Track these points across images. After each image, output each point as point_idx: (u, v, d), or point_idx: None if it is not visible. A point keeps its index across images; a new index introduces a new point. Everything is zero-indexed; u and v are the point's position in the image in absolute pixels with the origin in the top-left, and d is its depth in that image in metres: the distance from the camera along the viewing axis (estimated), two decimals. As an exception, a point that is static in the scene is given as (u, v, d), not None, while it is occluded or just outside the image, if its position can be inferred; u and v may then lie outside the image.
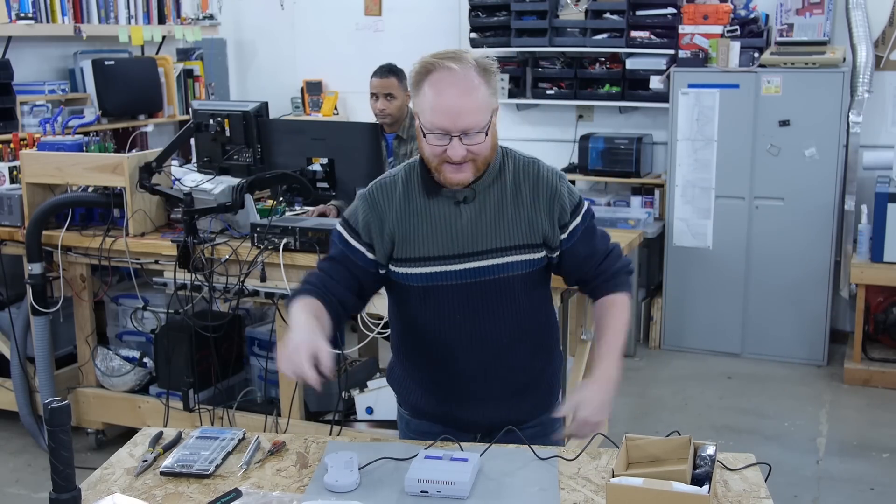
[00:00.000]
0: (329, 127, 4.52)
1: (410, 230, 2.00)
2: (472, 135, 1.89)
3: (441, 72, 1.89)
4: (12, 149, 4.26)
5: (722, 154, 5.02)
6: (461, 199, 1.99)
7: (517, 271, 2.01)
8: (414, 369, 2.16)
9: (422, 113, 1.92)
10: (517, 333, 2.07)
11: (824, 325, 4.99)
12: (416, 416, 2.19)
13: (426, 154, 1.95)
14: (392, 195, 2.03)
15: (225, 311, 3.66)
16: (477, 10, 5.64)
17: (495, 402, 2.09)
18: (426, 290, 2.02)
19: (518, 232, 2.00)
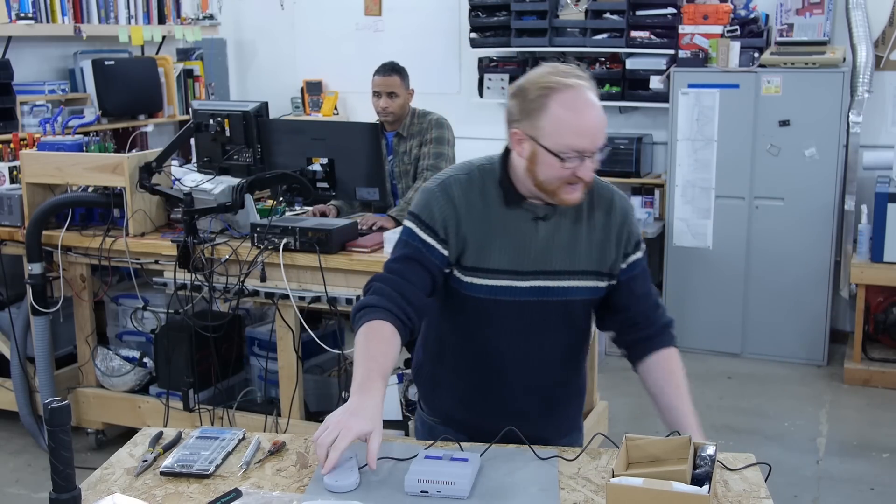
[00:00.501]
0: (329, 127, 4.52)
1: (484, 237, 1.93)
2: (598, 154, 1.86)
3: (570, 91, 1.83)
4: (12, 149, 4.26)
5: (722, 154, 5.02)
6: (541, 215, 1.93)
7: (582, 296, 1.98)
8: (452, 377, 2.09)
9: (548, 135, 1.82)
10: (564, 358, 2.06)
11: (824, 325, 4.99)
12: (443, 423, 2.13)
13: (545, 176, 1.85)
14: (469, 194, 1.95)
15: (225, 311, 3.66)
16: (477, 10, 5.64)
17: (525, 419, 2.02)
18: (488, 302, 1.96)
19: (589, 257, 1.96)
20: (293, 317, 3.44)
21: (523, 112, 1.86)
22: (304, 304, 3.37)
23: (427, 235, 1.95)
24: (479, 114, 5.81)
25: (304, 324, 3.42)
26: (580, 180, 1.85)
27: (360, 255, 3.31)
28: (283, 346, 3.50)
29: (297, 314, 3.43)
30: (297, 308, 3.40)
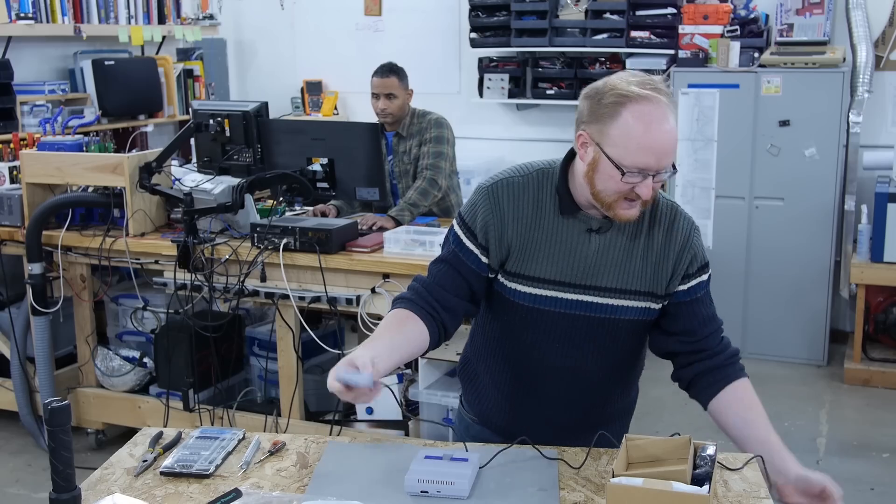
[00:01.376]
0: (329, 127, 4.51)
1: (532, 244, 1.88)
2: (662, 174, 1.77)
3: (646, 103, 1.73)
4: (12, 149, 4.26)
5: (722, 154, 5.02)
6: (595, 227, 1.86)
7: (630, 317, 1.90)
8: (493, 378, 2.07)
9: (616, 146, 1.74)
10: (610, 375, 2.00)
11: (824, 325, 4.99)
12: (482, 424, 2.12)
13: (604, 187, 1.77)
14: (520, 199, 1.89)
15: (225, 311, 3.66)
16: (477, 10, 5.64)
17: (571, 432, 1.97)
18: (531, 310, 1.91)
19: (643, 277, 1.88)
20: (293, 317, 3.44)
21: (593, 115, 1.80)
22: (304, 304, 3.37)
23: (468, 240, 1.92)
24: (479, 114, 5.81)
25: (304, 324, 3.42)
26: (639, 198, 1.78)
27: (360, 255, 3.31)
28: (283, 346, 3.50)
29: (297, 314, 3.43)
30: (297, 308, 3.40)
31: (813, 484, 1.76)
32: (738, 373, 1.94)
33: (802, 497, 1.77)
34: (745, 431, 1.90)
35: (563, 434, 1.98)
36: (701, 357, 1.94)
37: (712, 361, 1.94)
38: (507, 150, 5.70)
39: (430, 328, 1.91)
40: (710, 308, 1.95)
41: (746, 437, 1.89)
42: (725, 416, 1.91)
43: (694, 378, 1.95)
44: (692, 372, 1.95)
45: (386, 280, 3.22)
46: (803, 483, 1.77)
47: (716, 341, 1.95)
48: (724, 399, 1.91)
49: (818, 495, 1.76)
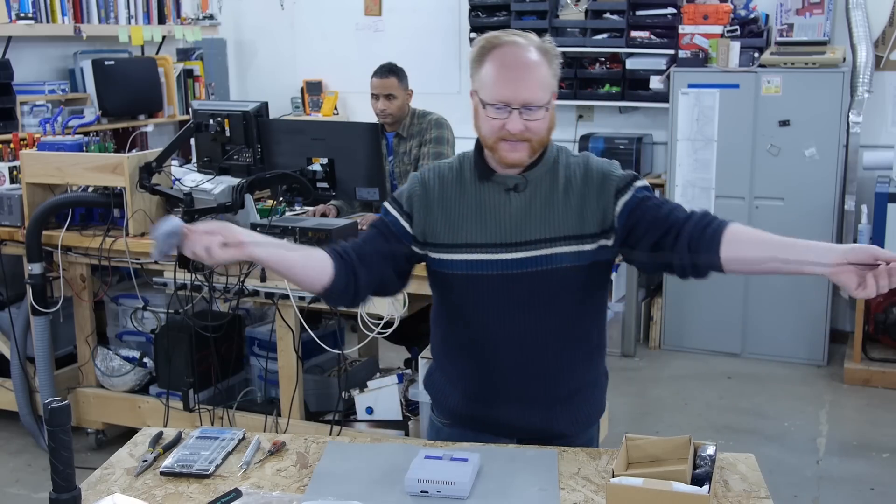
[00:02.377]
0: (329, 127, 4.51)
1: (459, 216, 1.96)
2: (532, 110, 1.86)
3: (505, 46, 1.88)
4: (12, 149, 4.26)
5: (722, 154, 5.02)
6: (511, 186, 1.94)
7: (566, 263, 1.92)
8: (453, 369, 2.09)
9: (483, 87, 1.89)
10: (563, 337, 1.99)
11: (824, 325, 4.99)
12: (453, 423, 2.12)
13: (483, 131, 1.91)
14: (444, 178, 2.01)
15: (225, 311, 3.66)
16: (477, 10, 5.64)
17: (534, 407, 2.01)
18: (469, 279, 1.95)
19: (568, 222, 1.92)
20: (293, 317, 3.44)
21: (472, 69, 1.94)
22: (304, 304, 3.37)
23: (393, 208, 2.02)
24: (479, 114, 5.80)
25: (304, 324, 3.42)
26: (511, 136, 1.86)
27: (360, 255, 3.30)
28: (283, 346, 3.50)
29: (297, 314, 3.43)
30: (297, 308, 3.40)
31: (861, 251, 1.67)
32: (725, 222, 1.85)
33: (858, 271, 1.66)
34: (767, 251, 1.81)
35: (530, 412, 2.01)
36: (680, 230, 1.85)
37: (693, 225, 1.85)
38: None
39: (336, 263, 1.91)
40: (664, 202, 1.93)
41: (771, 256, 1.81)
42: (742, 255, 1.82)
43: (689, 247, 1.83)
44: (682, 244, 1.84)
45: (386, 280, 3.22)
46: (852, 255, 1.67)
47: (683, 212, 1.89)
48: (729, 243, 1.82)
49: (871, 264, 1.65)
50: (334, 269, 1.90)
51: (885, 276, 1.64)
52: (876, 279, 1.64)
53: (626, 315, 5.17)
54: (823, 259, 1.72)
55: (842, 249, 1.69)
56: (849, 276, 1.67)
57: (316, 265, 1.90)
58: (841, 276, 1.68)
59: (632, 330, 5.20)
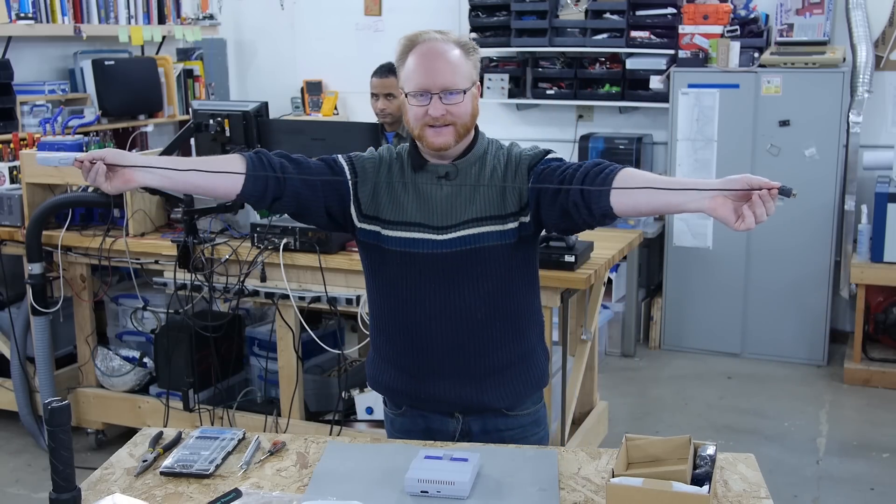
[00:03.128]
0: (329, 127, 4.52)
1: (399, 196, 2.08)
2: (452, 95, 1.99)
3: (424, 43, 2.02)
4: (12, 149, 4.26)
5: (722, 154, 5.02)
6: (442, 174, 2.06)
7: (490, 242, 2.03)
8: (389, 346, 2.17)
9: (406, 81, 2.03)
10: (493, 311, 2.08)
11: (824, 325, 4.99)
12: (395, 405, 2.21)
13: (410, 122, 2.04)
14: (393, 160, 2.13)
15: (225, 311, 3.66)
16: (477, 10, 5.64)
17: (468, 380, 2.09)
18: (403, 256, 2.06)
19: (490, 205, 2.04)
20: (293, 317, 3.44)
21: (398, 68, 2.07)
22: (304, 304, 3.37)
23: (345, 163, 2.12)
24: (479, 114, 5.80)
25: (304, 324, 3.42)
26: (434, 120, 1.99)
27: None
28: (283, 346, 3.50)
29: (297, 314, 3.43)
30: (297, 308, 3.40)
31: (735, 182, 1.70)
32: (617, 167, 1.88)
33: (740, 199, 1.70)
34: (653, 195, 1.81)
35: (461, 386, 2.09)
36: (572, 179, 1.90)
37: (584, 172, 1.90)
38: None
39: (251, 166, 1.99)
40: (563, 161, 2.02)
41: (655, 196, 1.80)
42: (630, 200, 1.83)
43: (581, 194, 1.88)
44: (575, 192, 1.88)
45: (386, 280, 3.22)
46: (727, 186, 1.70)
47: (578, 164, 1.96)
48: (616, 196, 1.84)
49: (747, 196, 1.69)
50: (246, 176, 1.98)
51: (761, 205, 1.68)
52: (753, 209, 1.68)
53: (626, 315, 5.17)
54: (702, 195, 1.74)
55: (717, 183, 1.72)
56: (726, 210, 1.71)
57: (221, 176, 1.98)
58: (719, 211, 1.72)
59: (632, 330, 5.20)
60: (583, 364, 3.65)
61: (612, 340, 5.22)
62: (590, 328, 3.69)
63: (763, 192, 1.67)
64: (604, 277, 3.64)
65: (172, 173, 1.93)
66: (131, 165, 1.88)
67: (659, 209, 1.93)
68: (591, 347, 3.73)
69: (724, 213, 1.72)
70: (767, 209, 1.69)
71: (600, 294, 3.72)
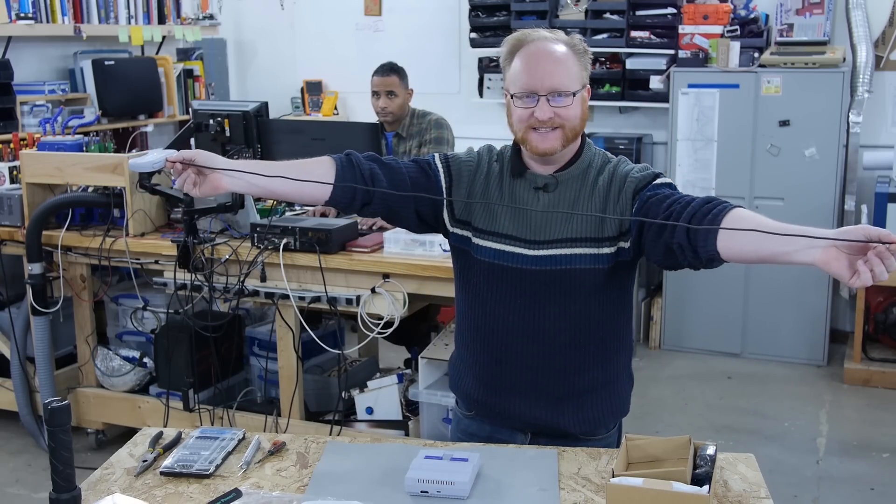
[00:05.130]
0: (329, 127, 4.52)
1: (495, 204, 2.01)
2: (560, 97, 1.90)
3: (533, 43, 1.94)
4: (12, 149, 4.26)
5: (722, 154, 5.02)
6: (541, 185, 1.99)
7: (583, 265, 1.94)
8: (468, 353, 2.12)
9: (512, 82, 1.95)
10: (578, 334, 2.00)
11: (824, 325, 4.99)
12: (466, 407, 2.16)
13: (514, 124, 1.96)
14: (492, 165, 2.05)
15: (225, 311, 3.66)
16: (477, 10, 5.64)
17: (544, 401, 2.03)
18: (492, 268, 2.00)
19: (588, 225, 1.95)
20: (293, 317, 3.44)
21: (503, 68, 1.99)
22: (304, 304, 3.37)
23: (440, 163, 2.05)
24: (479, 114, 5.81)
25: (304, 324, 3.42)
26: (540, 123, 1.91)
27: (360, 255, 3.31)
28: (283, 346, 3.50)
29: (297, 314, 3.43)
30: (297, 308, 3.40)
31: (851, 233, 1.52)
32: (727, 206, 1.72)
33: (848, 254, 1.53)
34: (760, 245, 1.64)
35: (537, 406, 2.03)
36: (679, 217, 1.76)
37: (691, 211, 1.75)
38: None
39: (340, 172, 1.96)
40: (672, 192, 1.87)
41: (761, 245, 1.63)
42: (737, 246, 1.68)
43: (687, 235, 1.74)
44: (681, 232, 1.74)
45: (386, 280, 3.22)
46: (842, 238, 1.53)
47: (688, 198, 1.81)
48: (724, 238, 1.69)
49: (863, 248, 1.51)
50: (335, 185, 1.95)
51: (878, 262, 1.49)
52: (870, 265, 1.50)
53: (626, 315, 5.17)
54: (813, 246, 1.57)
55: (832, 233, 1.55)
56: (840, 266, 1.54)
57: (309, 184, 1.94)
58: (832, 265, 1.54)
59: (632, 330, 5.19)
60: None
61: (612, 340, 5.21)
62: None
63: (881, 248, 1.48)
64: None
65: (259, 179, 1.89)
66: (220, 169, 1.85)
67: (766, 258, 1.66)
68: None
69: (838, 268, 1.54)
70: (888, 266, 1.50)
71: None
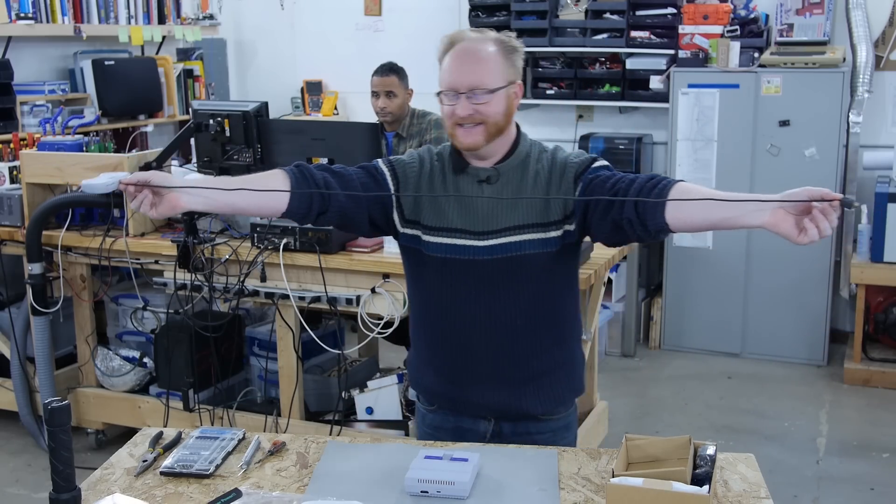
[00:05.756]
0: (329, 127, 4.52)
1: (443, 200, 2.05)
2: (479, 94, 1.96)
3: (461, 43, 2.02)
4: (12, 149, 4.26)
5: (722, 154, 5.02)
6: (484, 178, 2.04)
7: (532, 250, 2.01)
8: (428, 351, 2.16)
9: (440, 81, 2.01)
10: (533, 318, 2.06)
11: (824, 325, 4.99)
12: (429, 402, 2.20)
13: (445, 119, 2.02)
14: (434, 163, 2.09)
15: (225, 311, 3.66)
16: (477, 11, 5.64)
17: (507, 386, 2.08)
18: (444, 262, 2.04)
19: (533, 211, 2.01)
20: (293, 317, 3.44)
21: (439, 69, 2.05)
22: (304, 304, 3.37)
23: (386, 167, 2.08)
24: (479, 114, 5.80)
25: (304, 324, 3.42)
26: (461, 120, 1.97)
27: (360, 255, 3.31)
28: (283, 346, 3.50)
29: (297, 314, 3.43)
30: (297, 308, 3.40)
31: (795, 194, 1.71)
32: (671, 181, 1.84)
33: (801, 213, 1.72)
34: (709, 212, 1.79)
35: (500, 392, 2.08)
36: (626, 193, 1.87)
37: (638, 186, 1.86)
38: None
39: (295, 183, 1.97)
40: (613, 172, 1.98)
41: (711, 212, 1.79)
42: (686, 216, 1.81)
43: (636, 209, 1.85)
44: (629, 207, 1.86)
45: (386, 280, 3.22)
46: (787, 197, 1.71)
47: (631, 176, 1.92)
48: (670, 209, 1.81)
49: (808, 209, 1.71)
50: (291, 195, 1.97)
51: (822, 218, 1.66)
52: (815, 222, 1.67)
53: (626, 315, 5.17)
54: (760, 209, 1.72)
55: (777, 197, 1.69)
56: (787, 225, 1.70)
57: (265, 195, 1.96)
58: (780, 226, 1.70)
59: (632, 330, 5.20)
60: (583, 364, 3.64)
61: (612, 340, 5.22)
62: (590, 328, 3.69)
63: (824, 206, 1.65)
64: (604, 277, 3.63)
65: (217, 194, 1.90)
66: (176, 187, 1.86)
67: (716, 224, 1.82)
68: (591, 347, 3.72)
69: (786, 227, 1.70)
70: (831, 221, 1.66)
71: (600, 294, 3.72)
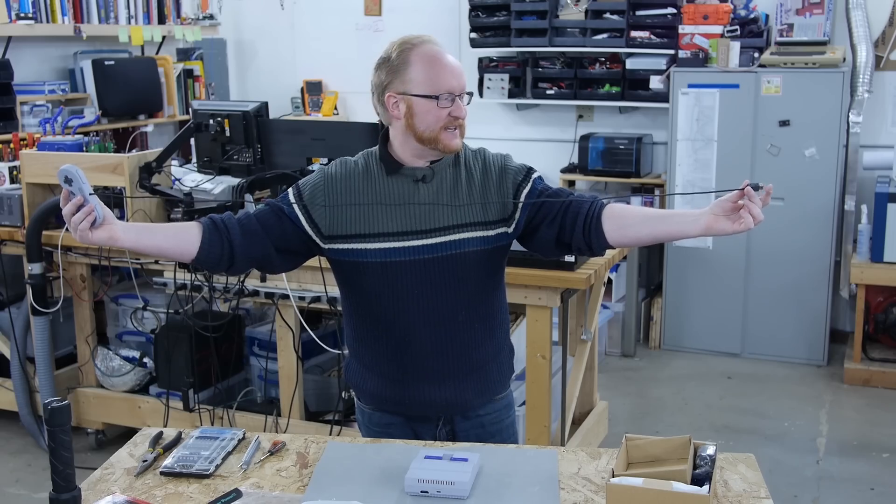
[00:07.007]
0: (329, 127, 4.51)
1: (370, 208, 2.05)
2: (465, 98, 2.04)
3: (425, 45, 2.02)
4: (12, 149, 4.26)
5: (722, 154, 5.02)
6: (420, 177, 2.06)
7: (472, 248, 2.06)
8: (370, 356, 2.17)
9: (420, 84, 1.99)
10: (472, 313, 2.12)
11: (824, 325, 4.99)
12: (376, 408, 2.22)
13: (427, 123, 2.00)
14: (349, 172, 2.10)
15: (225, 311, 3.66)
16: (477, 10, 5.64)
17: (451, 380, 2.13)
18: (384, 266, 2.05)
19: (472, 211, 2.06)
20: (293, 317, 3.44)
21: (391, 75, 2.02)
22: (304, 304, 3.37)
23: (293, 196, 2.09)
24: (478, 114, 5.79)
25: (304, 324, 3.42)
26: (457, 120, 2.01)
27: (360, 255, 3.30)
28: (283, 346, 3.50)
29: (297, 314, 3.43)
30: (297, 308, 3.40)
31: (728, 196, 1.86)
32: (601, 203, 2.04)
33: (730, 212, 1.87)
34: (650, 224, 2.00)
35: (443, 387, 2.13)
36: (575, 218, 2.03)
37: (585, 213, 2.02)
38: (507, 150, 5.64)
39: (206, 234, 2.00)
40: (556, 190, 2.12)
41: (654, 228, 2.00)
42: (629, 234, 2.02)
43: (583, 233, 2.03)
44: (578, 231, 2.03)
45: (386, 280, 3.22)
46: (718, 208, 1.87)
47: (578, 201, 2.05)
48: (615, 226, 2.00)
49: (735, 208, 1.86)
50: (202, 240, 2.00)
51: (752, 205, 1.84)
52: (747, 209, 1.84)
53: (626, 315, 5.17)
54: (697, 222, 1.90)
55: (707, 210, 1.89)
56: (722, 223, 1.87)
57: (183, 239, 2.01)
58: (715, 227, 1.88)
59: (632, 330, 5.20)
60: (583, 364, 3.65)
61: (612, 340, 5.22)
62: (590, 328, 3.69)
63: (749, 191, 1.83)
64: (604, 277, 3.64)
65: (145, 236, 1.97)
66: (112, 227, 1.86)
67: (660, 238, 2.07)
68: (591, 347, 3.73)
69: (722, 225, 1.88)
70: (757, 205, 1.84)
71: (600, 294, 3.72)
